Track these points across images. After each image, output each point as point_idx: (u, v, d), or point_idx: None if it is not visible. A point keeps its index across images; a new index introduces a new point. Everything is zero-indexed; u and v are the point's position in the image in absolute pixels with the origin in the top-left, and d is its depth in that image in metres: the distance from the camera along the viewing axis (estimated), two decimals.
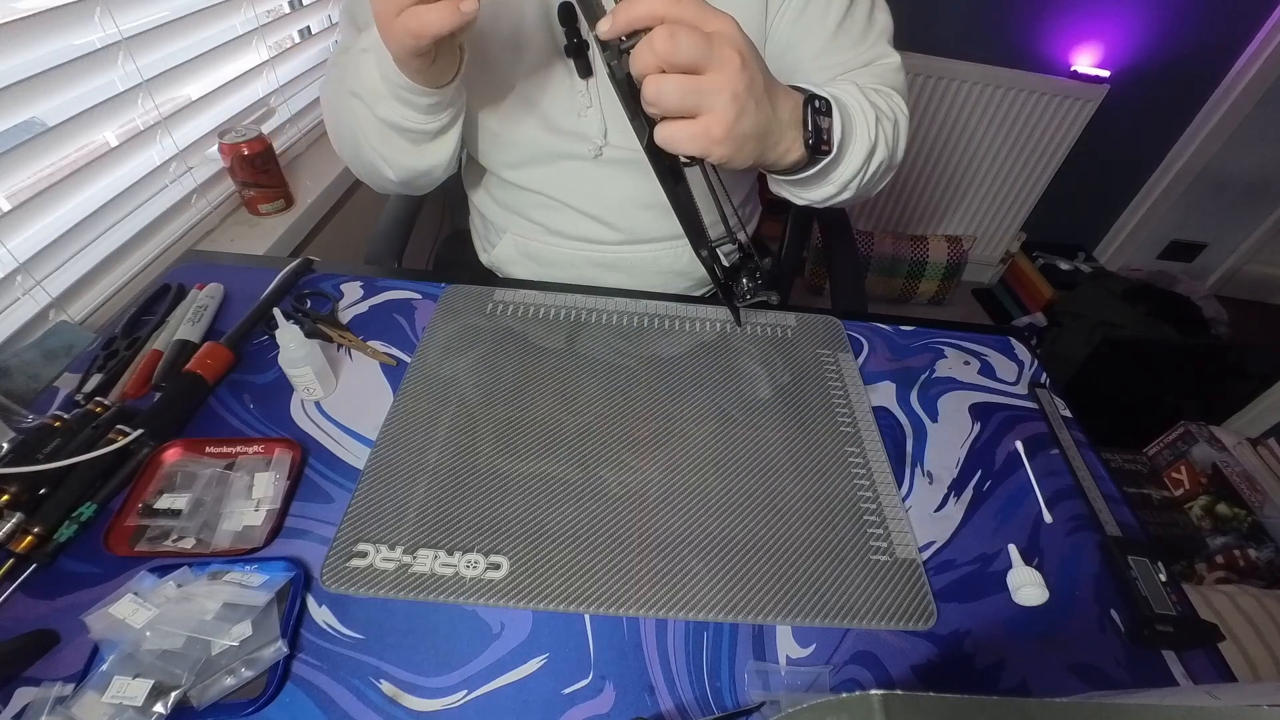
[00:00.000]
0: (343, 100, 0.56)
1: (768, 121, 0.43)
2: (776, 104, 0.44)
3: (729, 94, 0.38)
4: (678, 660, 0.41)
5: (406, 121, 0.53)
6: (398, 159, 0.58)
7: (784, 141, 0.45)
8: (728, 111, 0.39)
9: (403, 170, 0.59)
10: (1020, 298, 2.06)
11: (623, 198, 0.66)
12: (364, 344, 0.59)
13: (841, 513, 0.50)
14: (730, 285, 0.52)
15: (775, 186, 0.57)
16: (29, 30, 0.60)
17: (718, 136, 0.39)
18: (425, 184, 0.63)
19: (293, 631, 0.39)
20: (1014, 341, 0.69)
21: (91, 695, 0.34)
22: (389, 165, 0.58)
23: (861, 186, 0.55)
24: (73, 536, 0.42)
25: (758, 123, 0.41)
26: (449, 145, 0.58)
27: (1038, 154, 1.84)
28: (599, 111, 0.60)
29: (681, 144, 0.40)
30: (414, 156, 0.57)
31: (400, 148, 0.56)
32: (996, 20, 1.65)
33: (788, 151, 0.46)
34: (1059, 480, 0.55)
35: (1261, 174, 1.94)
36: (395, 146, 0.56)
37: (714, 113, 0.39)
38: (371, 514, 0.46)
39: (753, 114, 0.40)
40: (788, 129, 0.45)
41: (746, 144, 0.41)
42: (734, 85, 0.38)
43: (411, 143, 0.56)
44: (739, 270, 0.51)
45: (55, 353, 0.58)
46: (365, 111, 0.53)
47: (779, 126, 0.44)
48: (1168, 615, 0.45)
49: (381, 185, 0.64)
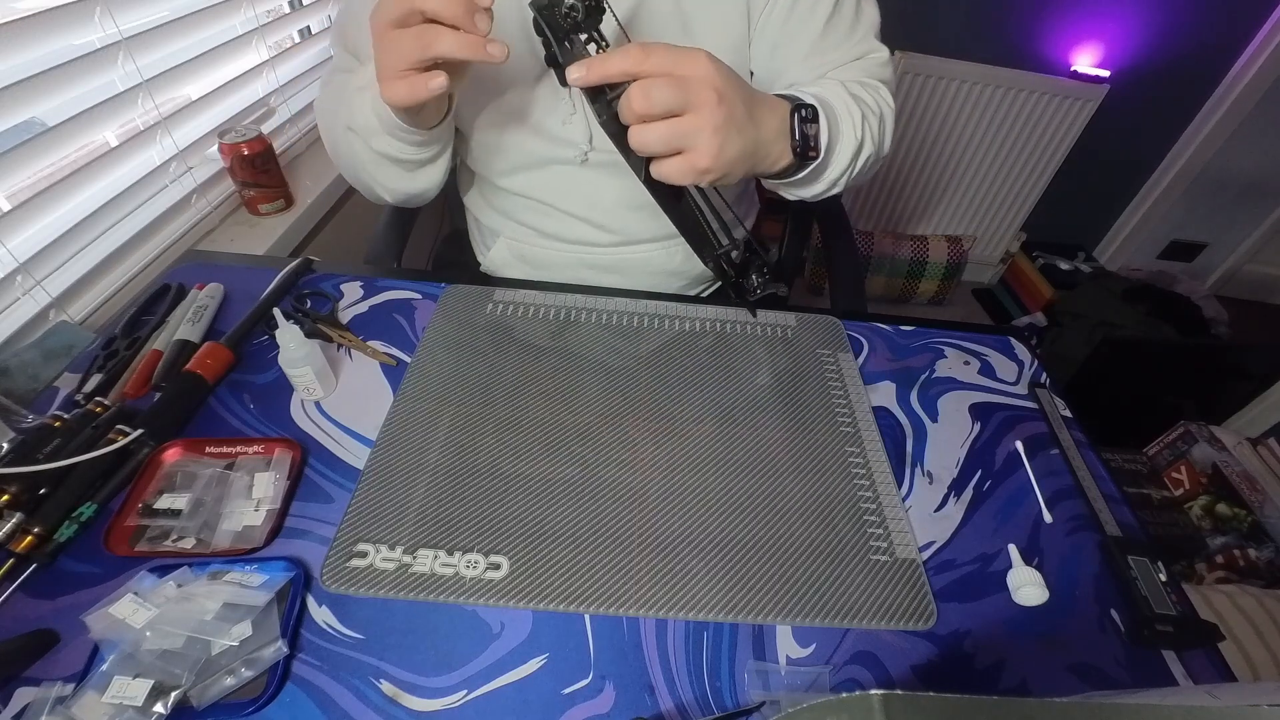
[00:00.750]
0: (340, 133, 0.60)
1: (753, 143, 0.45)
2: (761, 123, 0.46)
3: (709, 130, 0.41)
4: (678, 660, 0.41)
5: (400, 154, 0.56)
6: (392, 184, 0.62)
7: (772, 154, 0.48)
8: (710, 146, 0.41)
9: (397, 193, 0.63)
10: (1020, 298, 2.06)
11: (613, 200, 0.67)
12: (364, 344, 0.59)
13: (841, 513, 0.50)
14: (740, 283, 0.53)
15: (768, 184, 0.58)
16: (29, 30, 0.60)
17: (704, 168, 0.42)
18: (419, 202, 0.67)
19: (293, 631, 0.39)
20: (1014, 341, 0.69)
21: (91, 695, 0.34)
22: (384, 189, 0.63)
23: (851, 180, 0.57)
24: (73, 536, 0.42)
25: (742, 147, 0.43)
26: (440, 170, 0.61)
27: (1038, 154, 1.84)
28: (583, 117, 0.61)
29: (673, 179, 0.43)
30: (407, 181, 0.61)
31: (394, 174, 0.60)
32: (996, 20, 1.65)
33: (777, 160, 0.48)
34: (1059, 480, 0.55)
35: (1261, 174, 1.94)
36: (390, 174, 0.60)
37: (698, 149, 0.41)
38: (371, 514, 0.46)
39: (735, 141, 0.42)
40: (775, 142, 0.47)
41: (735, 166, 0.44)
42: (713, 121, 0.41)
43: (405, 170, 0.59)
44: (747, 267, 0.53)
45: (55, 353, 0.58)
46: (362, 144, 0.57)
47: (765, 143, 0.46)
48: (1168, 615, 0.45)
49: (378, 201, 0.68)
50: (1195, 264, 2.20)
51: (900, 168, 1.88)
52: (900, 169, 1.89)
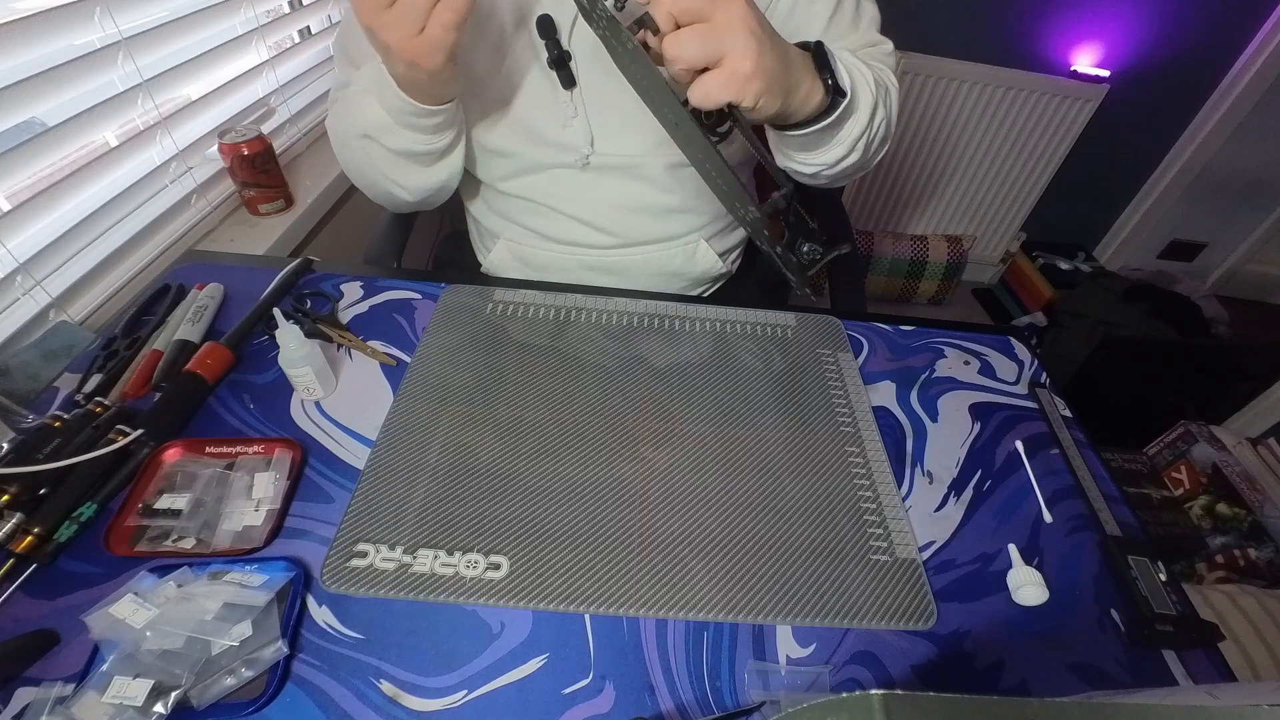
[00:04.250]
0: (354, 143, 0.60)
1: (785, 57, 0.43)
2: (786, 45, 0.44)
3: (745, 29, 0.39)
4: (678, 660, 0.41)
5: (417, 145, 0.56)
6: (412, 181, 0.62)
7: (804, 83, 0.46)
8: (749, 45, 0.40)
9: (418, 190, 0.63)
10: (1020, 297, 2.06)
11: (613, 203, 0.67)
12: (364, 344, 0.59)
13: (841, 513, 0.50)
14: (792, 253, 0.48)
15: (784, 156, 0.57)
16: (29, 30, 0.60)
17: (748, 70, 0.40)
18: (439, 198, 0.67)
19: (293, 631, 0.39)
20: (1014, 341, 0.69)
21: (91, 695, 0.34)
22: (405, 189, 0.63)
23: (866, 150, 0.56)
24: (73, 536, 0.42)
25: (777, 56, 0.42)
26: (457, 159, 0.62)
27: (1038, 154, 1.84)
28: (584, 121, 0.61)
29: (716, 92, 0.40)
30: (426, 177, 0.61)
31: (413, 171, 0.60)
32: (996, 20, 1.65)
33: (809, 95, 0.47)
34: (1059, 480, 0.55)
35: (1261, 174, 1.94)
36: (409, 171, 0.60)
37: (735, 50, 0.40)
38: (371, 514, 0.46)
39: (770, 48, 0.41)
40: (804, 71, 0.46)
41: (774, 78, 0.42)
42: (746, 21, 0.40)
43: (423, 165, 0.60)
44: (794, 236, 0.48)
45: (55, 353, 0.58)
46: (378, 148, 0.57)
47: (795, 66, 0.45)
48: (1168, 615, 0.45)
49: (398, 207, 0.68)
50: (1195, 264, 2.20)
51: (900, 167, 1.88)
52: (900, 169, 1.89)
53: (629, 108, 0.60)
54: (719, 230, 0.73)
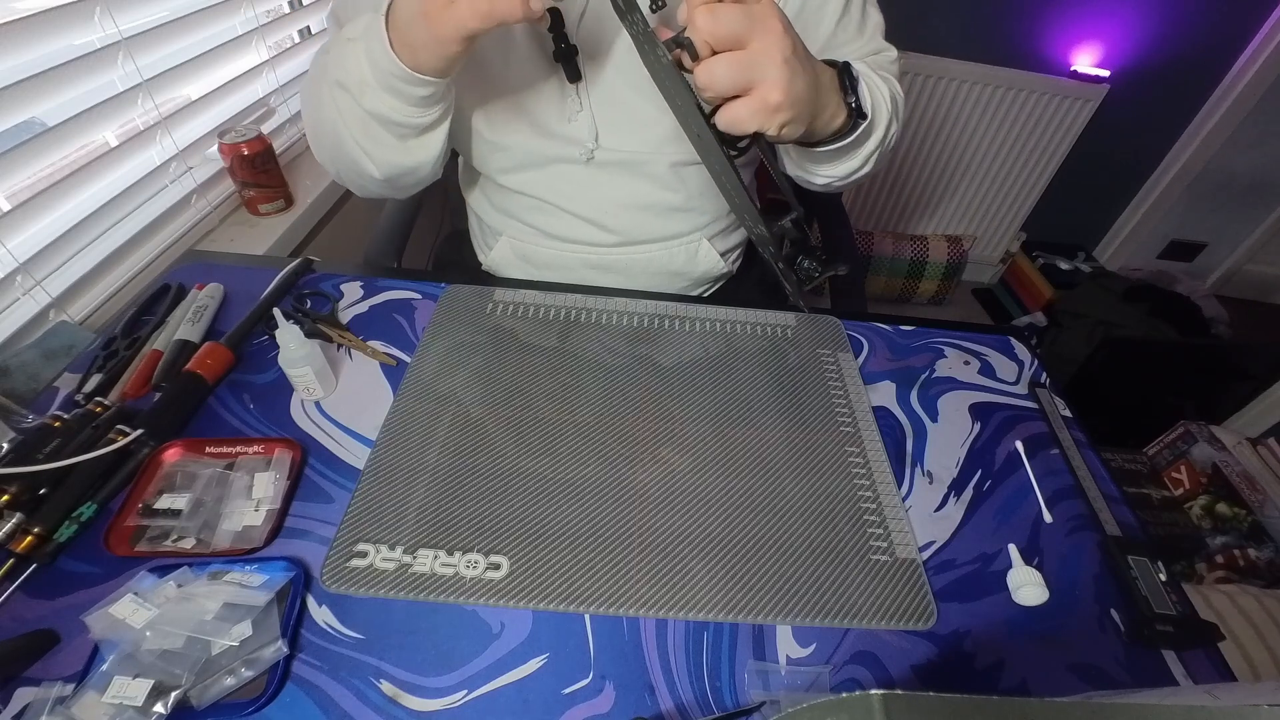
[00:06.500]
0: (325, 91, 0.52)
1: (814, 83, 0.43)
2: (817, 66, 0.44)
3: (779, 58, 0.39)
4: (678, 660, 0.41)
5: (395, 114, 0.50)
6: (382, 154, 0.55)
7: (830, 106, 0.46)
8: (780, 76, 0.39)
9: (387, 166, 0.56)
10: (1020, 297, 2.06)
11: (616, 200, 0.67)
12: (364, 344, 0.59)
13: (841, 513, 0.50)
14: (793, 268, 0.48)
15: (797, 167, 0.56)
16: (29, 30, 0.60)
17: (777, 102, 0.40)
18: (410, 183, 0.60)
19: (293, 631, 0.39)
20: (1014, 341, 0.69)
21: (91, 695, 0.34)
22: (372, 161, 0.55)
23: (878, 162, 0.56)
24: (73, 536, 0.42)
25: (808, 84, 0.42)
26: (436, 143, 0.55)
27: (1038, 154, 1.84)
28: (589, 115, 0.60)
29: (744, 121, 0.40)
30: (399, 153, 0.55)
31: (386, 142, 0.54)
32: (996, 20, 1.65)
33: (833, 117, 0.47)
34: (1059, 480, 0.55)
35: (1261, 174, 1.94)
36: (380, 141, 0.53)
37: (767, 80, 0.39)
38: (371, 514, 0.46)
39: (802, 75, 0.41)
40: (830, 93, 0.46)
41: (802, 108, 0.42)
42: (782, 49, 0.39)
43: (398, 138, 0.53)
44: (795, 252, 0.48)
45: (55, 353, 0.58)
46: (350, 103, 0.51)
47: (824, 90, 0.45)
48: (1168, 615, 0.45)
49: (364, 185, 0.60)
50: (1195, 264, 2.20)
51: (900, 167, 1.88)
52: (900, 169, 1.89)
53: (634, 104, 0.60)
54: (721, 230, 0.73)
